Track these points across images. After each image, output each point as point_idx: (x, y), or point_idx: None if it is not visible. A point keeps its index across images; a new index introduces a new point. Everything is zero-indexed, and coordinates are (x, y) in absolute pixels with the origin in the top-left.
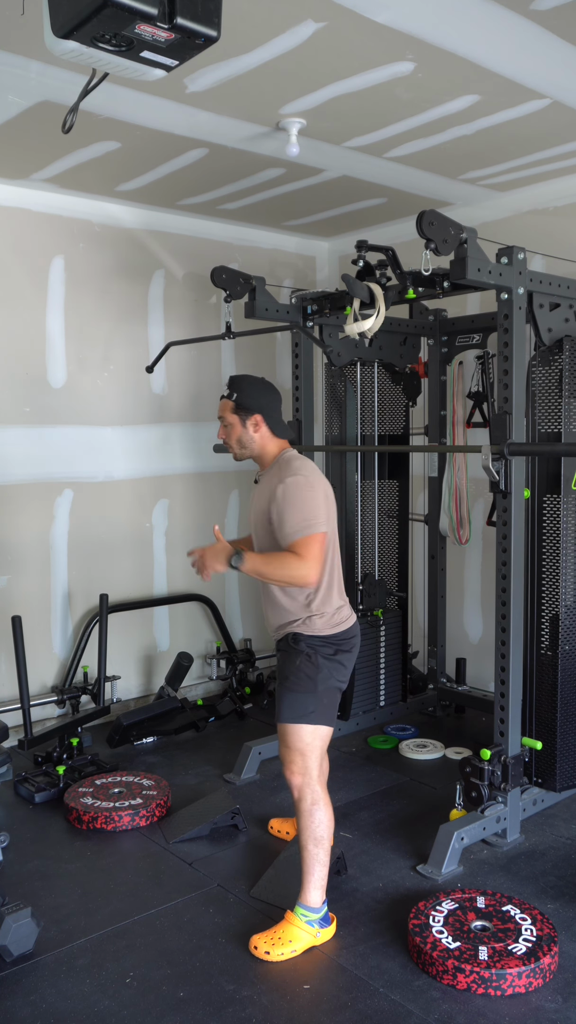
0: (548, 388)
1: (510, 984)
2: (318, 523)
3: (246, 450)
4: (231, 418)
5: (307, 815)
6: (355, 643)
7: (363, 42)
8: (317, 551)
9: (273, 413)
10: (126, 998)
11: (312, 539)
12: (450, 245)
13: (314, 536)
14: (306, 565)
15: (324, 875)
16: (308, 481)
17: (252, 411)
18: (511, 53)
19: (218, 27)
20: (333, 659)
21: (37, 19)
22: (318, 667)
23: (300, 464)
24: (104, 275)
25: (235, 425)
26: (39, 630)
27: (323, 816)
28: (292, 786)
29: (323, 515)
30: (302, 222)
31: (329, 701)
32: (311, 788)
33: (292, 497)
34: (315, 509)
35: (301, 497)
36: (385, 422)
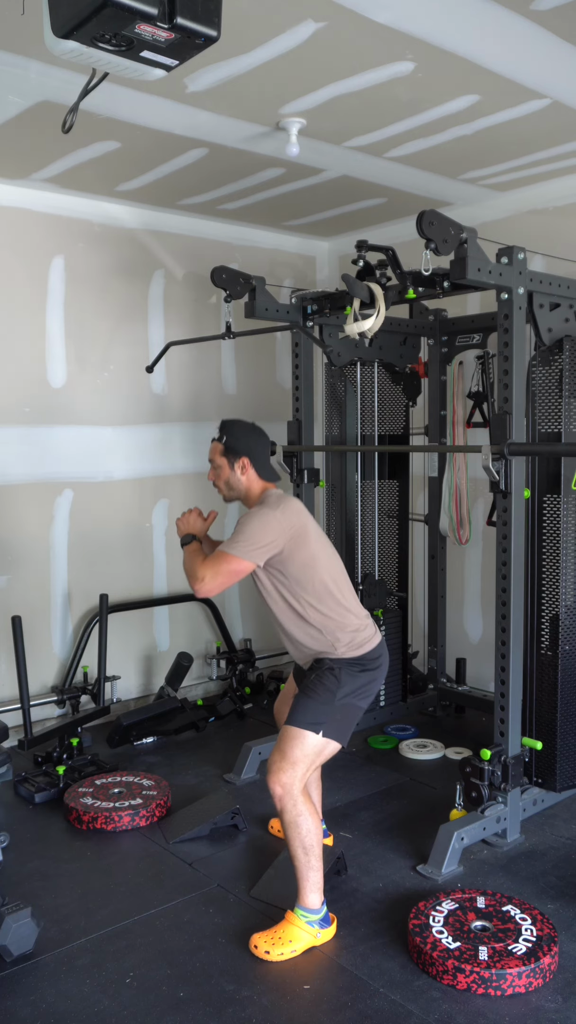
0: (548, 388)
1: (510, 984)
2: (247, 550)
3: (233, 491)
4: (220, 460)
5: (292, 826)
6: (382, 662)
7: (363, 42)
8: (224, 570)
9: (260, 457)
10: (126, 998)
11: (231, 559)
12: (450, 245)
13: (234, 558)
14: (207, 573)
15: (319, 878)
16: (267, 511)
17: (240, 454)
18: (511, 53)
19: (218, 27)
20: (358, 676)
21: (37, 19)
22: (340, 681)
23: (275, 499)
24: (104, 275)
25: (224, 467)
26: (39, 630)
27: (309, 825)
28: (273, 795)
29: (260, 546)
30: (302, 222)
31: (344, 717)
32: (292, 800)
33: (244, 520)
34: (256, 536)
35: (251, 522)
36: (385, 422)
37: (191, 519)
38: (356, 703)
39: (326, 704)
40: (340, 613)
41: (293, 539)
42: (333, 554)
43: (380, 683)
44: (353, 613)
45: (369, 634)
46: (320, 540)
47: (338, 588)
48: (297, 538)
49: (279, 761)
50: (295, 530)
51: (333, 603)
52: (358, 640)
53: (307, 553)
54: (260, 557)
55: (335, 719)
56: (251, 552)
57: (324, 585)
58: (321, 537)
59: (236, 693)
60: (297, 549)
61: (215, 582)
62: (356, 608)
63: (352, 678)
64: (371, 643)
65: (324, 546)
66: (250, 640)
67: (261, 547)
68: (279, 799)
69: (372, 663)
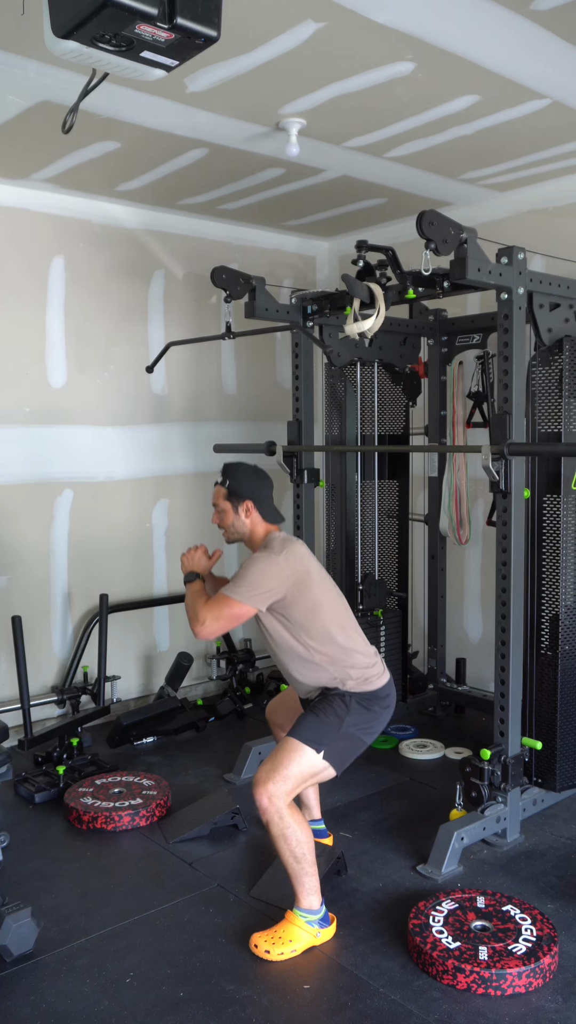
0: (548, 388)
1: (510, 984)
2: (249, 595)
3: (237, 534)
4: (224, 504)
5: (280, 839)
6: (389, 702)
7: (363, 42)
8: (226, 614)
9: (264, 499)
10: (126, 998)
11: (232, 603)
12: (450, 245)
13: (235, 602)
14: (208, 616)
15: (315, 882)
16: (270, 556)
17: (243, 497)
18: (511, 53)
19: (218, 27)
20: (365, 711)
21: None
22: (349, 709)
23: (279, 544)
24: (104, 275)
25: (228, 511)
26: (39, 630)
27: (298, 836)
28: (258, 806)
29: (262, 592)
30: (302, 222)
31: (346, 746)
32: (279, 814)
33: (247, 565)
34: (258, 581)
35: (254, 567)
36: (385, 422)
37: (196, 556)
38: (360, 735)
39: (332, 727)
40: (347, 654)
41: (296, 585)
42: (338, 596)
43: (385, 722)
44: (361, 653)
45: (378, 671)
46: (323, 584)
47: (343, 631)
48: (300, 584)
49: (271, 771)
50: (298, 576)
51: (339, 645)
52: (367, 676)
53: (310, 599)
54: (262, 603)
55: (338, 745)
56: (253, 597)
57: (328, 629)
58: (324, 580)
59: (236, 693)
60: (300, 594)
61: (215, 625)
62: (364, 648)
63: (360, 710)
64: (380, 680)
65: (328, 590)
66: (250, 640)
67: (263, 593)
68: (264, 811)
69: (380, 701)
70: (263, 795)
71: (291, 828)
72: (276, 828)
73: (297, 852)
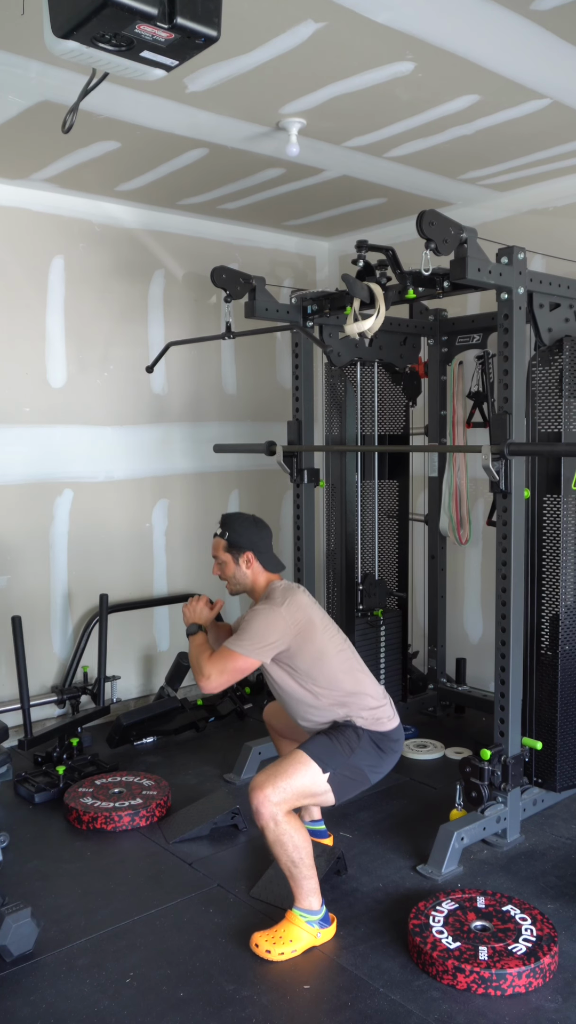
0: (548, 388)
1: (510, 984)
2: (252, 648)
3: (239, 585)
4: (224, 556)
5: (276, 844)
6: (398, 747)
7: (363, 42)
8: (230, 668)
9: (264, 549)
10: (126, 998)
11: (236, 657)
12: (450, 245)
13: (240, 656)
14: (213, 671)
15: (314, 884)
16: (272, 607)
17: (244, 548)
18: (511, 53)
19: (218, 27)
20: (377, 747)
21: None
22: (360, 741)
23: (281, 593)
24: (104, 275)
25: (228, 563)
26: (39, 630)
27: (295, 841)
28: (254, 811)
29: (266, 644)
30: (302, 222)
31: (351, 777)
32: (274, 819)
33: (249, 617)
34: (261, 634)
35: (256, 619)
36: (385, 422)
37: (198, 608)
38: (366, 772)
39: (343, 754)
40: (355, 696)
41: (299, 634)
42: (342, 640)
43: (391, 766)
44: (370, 695)
45: (388, 713)
46: (327, 630)
47: (350, 674)
48: (303, 633)
49: (272, 778)
50: (301, 625)
51: (347, 690)
52: (377, 716)
53: (315, 647)
54: (266, 655)
55: (344, 773)
56: (257, 650)
57: (335, 675)
58: (328, 627)
59: (236, 693)
60: (304, 643)
61: (220, 680)
62: (373, 690)
63: (371, 746)
64: (391, 722)
65: (332, 635)
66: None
67: (267, 645)
68: (259, 816)
69: (390, 743)
70: (260, 800)
71: (287, 834)
72: (272, 834)
73: (294, 857)
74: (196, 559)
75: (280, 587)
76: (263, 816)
